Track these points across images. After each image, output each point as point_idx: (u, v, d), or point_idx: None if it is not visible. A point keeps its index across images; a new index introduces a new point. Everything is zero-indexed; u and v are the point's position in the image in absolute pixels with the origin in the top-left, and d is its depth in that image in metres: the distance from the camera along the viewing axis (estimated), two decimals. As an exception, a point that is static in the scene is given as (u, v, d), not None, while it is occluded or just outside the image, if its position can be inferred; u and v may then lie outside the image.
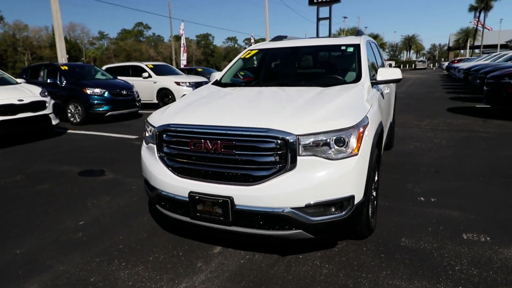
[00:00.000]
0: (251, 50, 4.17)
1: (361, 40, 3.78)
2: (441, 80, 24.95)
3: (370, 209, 2.68)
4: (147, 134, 2.94)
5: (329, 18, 45.13)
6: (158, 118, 2.77)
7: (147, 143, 2.87)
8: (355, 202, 2.31)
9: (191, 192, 2.39)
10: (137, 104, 10.39)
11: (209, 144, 2.33)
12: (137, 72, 12.60)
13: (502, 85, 7.51)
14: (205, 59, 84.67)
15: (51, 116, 7.47)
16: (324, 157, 2.23)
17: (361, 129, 2.34)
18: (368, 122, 2.46)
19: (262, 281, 2.35)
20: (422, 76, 32.83)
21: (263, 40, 35.85)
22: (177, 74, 13.27)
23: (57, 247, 2.90)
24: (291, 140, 2.19)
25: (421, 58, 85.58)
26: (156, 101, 12.34)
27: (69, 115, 9.42)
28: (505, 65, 10.28)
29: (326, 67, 3.86)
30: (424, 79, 27.39)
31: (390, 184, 4.04)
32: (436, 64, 71.29)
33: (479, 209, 3.33)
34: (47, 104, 7.37)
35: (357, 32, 4.28)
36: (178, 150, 2.50)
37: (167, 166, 2.57)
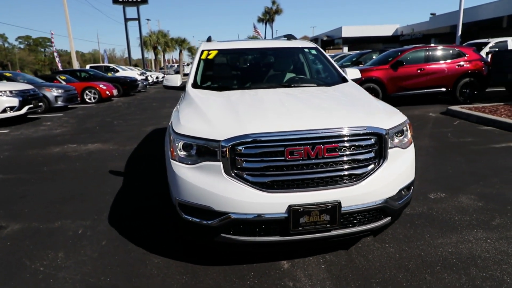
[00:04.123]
0: (210, 50, 3.81)
1: (315, 44, 4.15)
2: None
3: None
4: (181, 152, 2.37)
5: (138, 19, 43.46)
6: (211, 131, 2.27)
7: (193, 163, 2.31)
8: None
9: (291, 206, 2.15)
10: None
11: (310, 150, 2.17)
12: None
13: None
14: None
15: None
16: (400, 147, 2.49)
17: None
18: None
19: (364, 277, 2.40)
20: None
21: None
22: (-19, 82, 9.97)
23: (82, 336, 1.95)
24: (384, 134, 2.34)
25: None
26: (-43, 120, 8.94)
27: None
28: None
29: (305, 67, 4.02)
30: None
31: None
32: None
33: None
34: None
35: (289, 36, 4.60)
36: (268, 162, 2.17)
37: (250, 183, 2.19)
